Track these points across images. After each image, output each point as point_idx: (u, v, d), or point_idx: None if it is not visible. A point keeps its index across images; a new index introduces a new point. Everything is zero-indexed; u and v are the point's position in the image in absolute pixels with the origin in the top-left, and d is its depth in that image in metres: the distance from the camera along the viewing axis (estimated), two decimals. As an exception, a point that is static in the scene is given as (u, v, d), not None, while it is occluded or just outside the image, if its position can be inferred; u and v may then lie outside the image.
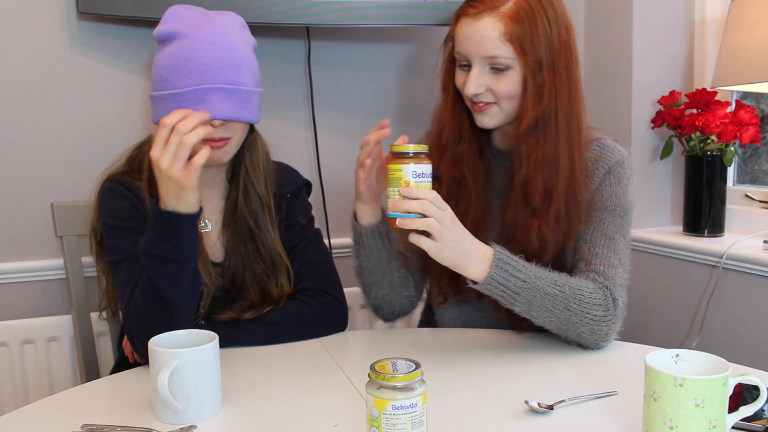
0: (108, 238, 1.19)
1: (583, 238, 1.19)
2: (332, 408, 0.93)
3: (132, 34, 1.71)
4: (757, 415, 0.82)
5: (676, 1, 1.96)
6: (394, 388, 0.74)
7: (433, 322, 1.37)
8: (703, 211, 1.84)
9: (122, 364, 1.30)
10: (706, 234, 1.84)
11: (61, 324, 1.65)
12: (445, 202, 1.03)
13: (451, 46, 1.21)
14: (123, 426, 0.87)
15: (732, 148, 1.81)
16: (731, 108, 1.81)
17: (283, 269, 1.27)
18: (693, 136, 1.83)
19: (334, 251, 1.90)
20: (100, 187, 1.24)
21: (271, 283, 1.26)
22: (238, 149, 1.24)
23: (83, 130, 1.69)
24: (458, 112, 1.23)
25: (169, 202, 1.04)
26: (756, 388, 0.83)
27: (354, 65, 1.95)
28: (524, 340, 1.19)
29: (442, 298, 1.25)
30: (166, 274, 1.05)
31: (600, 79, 2.04)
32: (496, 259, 1.06)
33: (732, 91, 1.91)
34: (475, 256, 1.06)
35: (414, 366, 0.76)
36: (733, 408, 0.78)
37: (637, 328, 1.98)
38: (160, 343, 0.91)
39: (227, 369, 1.03)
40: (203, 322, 1.21)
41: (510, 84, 1.14)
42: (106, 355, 1.65)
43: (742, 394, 0.89)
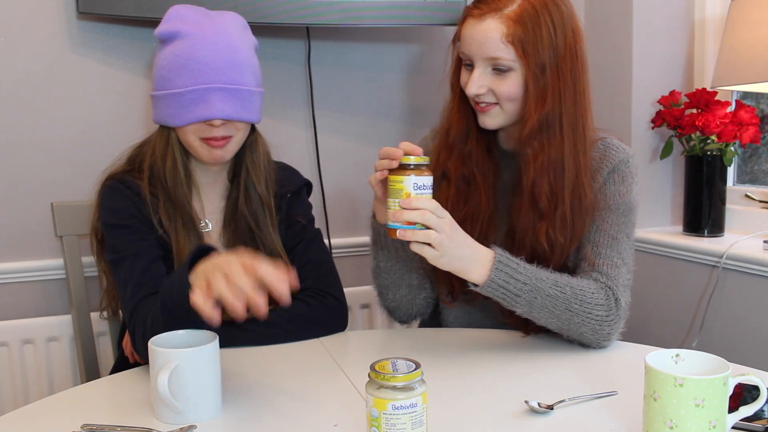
0: (109, 237, 1.19)
1: (586, 237, 1.18)
2: (332, 408, 0.93)
3: (132, 34, 1.71)
4: (757, 415, 0.82)
5: (676, 1, 1.96)
6: (394, 388, 0.74)
7: (437, 322, 1.37)
8: (703, 211, 1.84)
9: (122, 364, 1.30)
10: (706, 234, 1.84)
11: (61, 324, 1.66)
12: (444, 210, 1.03)
13: (458, 45, 1.21)
14: (123, 426, 0.87)
15: (732, 148, 1.81)
16: (731, 108, 1.81)
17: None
18: (693, 136, 1.83)
19: (334, 251, 1.90)
20: (101, 186, 1.24)
21: None
22: (240, 149, 1.24)
23: (83, 130, 1.69)
24: (465, 111, 1.23)
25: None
26: (756, 388, 0.83)
27: (354, 65, 1.95)
28: (524, 340, 1.19)
29: (451, 297, 1.25)
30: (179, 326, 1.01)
31: (600, 79, 2.04)
32: (496, 261, 1.06)
33: (732, 91, 1.91)
34: (476, 260, 1.06)
35: (414, 366, 0.76)
36: (733, 408, 0.78)
37: (637, 328, 1.98)
38: (160, 343, 0.91)
39: (227, 369, 1.03)
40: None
41: (511, 86, 1.14)
42: (106, 355, 1.65)
43: (742, 394, 0.89)
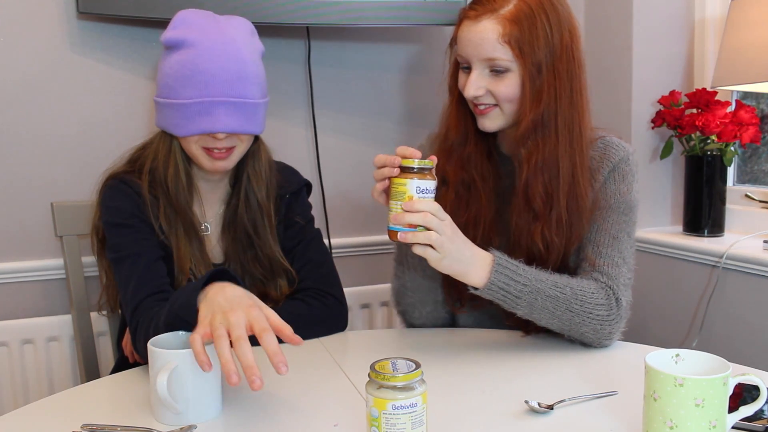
0: (110, 236, 1.19)
1: (587, 237, 1.18)
2: (332, 408, 0.93)
3: (132, 34, 1.71)
4: (757, 415, 0.82)
5: (676, 1, 1.96)
6: (394, 388, 0.74)
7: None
8: (703, 211, 1.84)
9: (122, 364, 1.30)
10: (706, 234, 1.84)
11: (61, 324, 1.66)
12: (445, 213, 1.02)
13: (455, 49, 1.20)
14: (123, 426, 0.87)
15: (732, 148, 1.81)
16: (731, 108, 1.81)
17: (282, 273, 1.28)
18: (693, 136, 1.83)
19: (334, 251, 1.90)
20: (101, 186, 1.24)
21: (270, 286, 1.27)
22: (242, 157, 1.25)
23: (83, 130, 1.69)
24: (463, 115, 1.22)
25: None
26: (756, 388, 0.83)
27: (354, 65, 1.95)
28: (524, 340, 1.19)
29: (460, 303, 1.25)
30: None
31: (600, 79, 2.04)
32: (495, 264, 1.06)
33: (732, 91, 1.91)
34: (475, 263, 1.06)
35: (414, 366, 0.76)
36: (733, 408, 0.78)
37: (637, 328, 1.98)
38: (160, 344, 0.91)
39: (227, 369, 1.03)
40: None
41: (509, 86, 1.13)
42: (106, 355, 1.65)
43: (742, 394, 0.89)
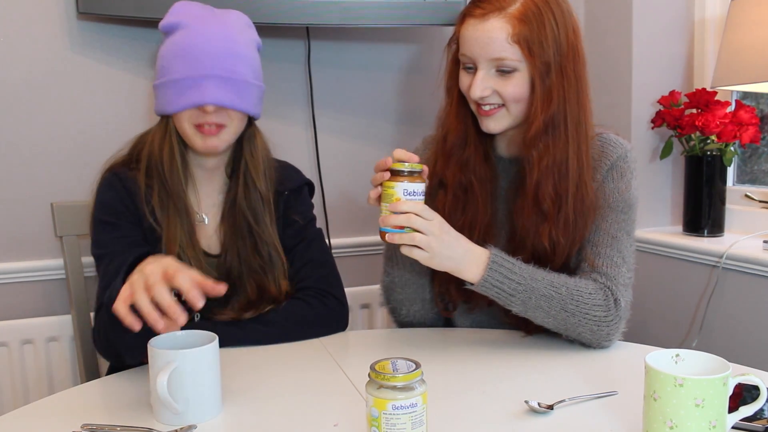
0: (95, 231, 1.22)
1: (586, 237, 1.17)
2: (332, 408, 0.93)
3: (132, 34, 1.71)
4: (757, 415, 0.82)
5: (676, 1, 1.96)
6: (394, 388, 0.74)
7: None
8: (703, 211, 1.84)
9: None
10: (706, 234, 1.84)
11: (61, 324, 1.66)
12: (432, 212, 1.03)
13: (456, 48, 1.17)
14: (123, 426, 0.87)
15: (732, 148, 1.81)
16: (731, 108, 1.81)
17: (280, 265, 1.27)
18: (693, 136, 1.83)
19: (334, 251, 1.90)
20: (100, 177, 1.26)
21: (268, 278, 1.26)
22: (238, 143, 1.26)
23: (83, 130, 1.69)
24: (463, 116, 1.20)
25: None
26: (756, 388, 0.83)
27: (354, 65, 1.95)
28: (524, 340, 1.18)
29: (452, 306, 1.25)
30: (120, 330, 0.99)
31: (600, 79, 2.04)
32: (491, 261, 1.06)
33: (732, 91, 1.91)
34: (469, 260, 1.06)
35: (414, 366, 0.76)
36: (733, 408, 0.78)
37: (637, 328, 1.97)
38: (160, 344, 0.91)
39: (227, 369, 1.03)
40: (198, 316, 1.22)
41: (517, 86, 1.11)
42: (106, 355, 1.65)
43: (742, 394, 0.89)
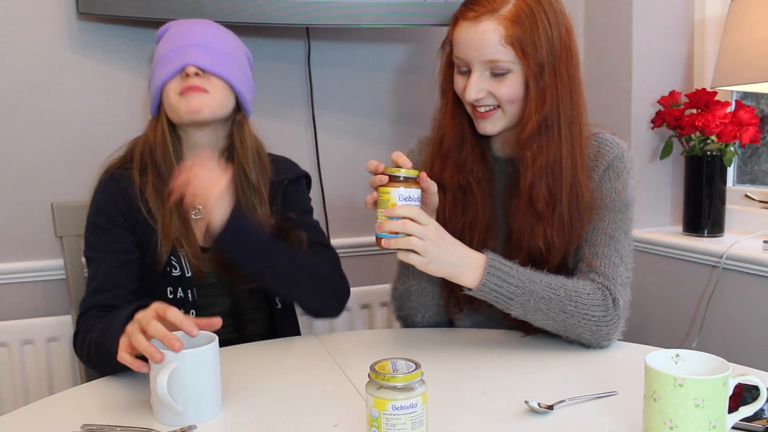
0: (87, 233, 1.24)
1: (583, 237, 1.17)
2: (332, 408, 0.93)
3: (132, 34, 1.71)
4: (757, 415, 0.82)
5: (676, 1, 1.96)
6: (394, 388, 0.74)
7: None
8: (703, 211, 1.84)
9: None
10: (706, 234, 1.84)
11: (61, 324, 1.66)
12: (428, 217, 1.03)
13: (449, 50, 1.17)
14: (123, 426, 0.87)
15: (732, 148, 1.81)
16: (731, 108, 1.81)
17: None
18: (693, 136, 1.83)
19: (334, 251, 1.90)
20: (98, 179, 1.28)
21: None
22: (227, 133, 1.28)
23: (83, 131, 1.69)
24: (459, 117, 1.20)
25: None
26: (756, 388, 0.82)
27: (354, 65, 1.95)
28: (524, 340, 1.18)
29: (458, 308, 1.25)
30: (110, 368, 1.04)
31: (600, 79, 2.04)
32: (488, 266, 1.06)
33: (732, 91, 1.91)
34: (467, 265, 1.06)
35: (414, 366, 0.76)
36: (733, 408, 0.78)
37: (637, 328, 1.98)
38: (160, 345, 0.90)
39: (227, 369, 1.03)
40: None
41: (511, 87, 1.11)
42: (106, 355, 1.65)
43: (742, 394, 0.89)
